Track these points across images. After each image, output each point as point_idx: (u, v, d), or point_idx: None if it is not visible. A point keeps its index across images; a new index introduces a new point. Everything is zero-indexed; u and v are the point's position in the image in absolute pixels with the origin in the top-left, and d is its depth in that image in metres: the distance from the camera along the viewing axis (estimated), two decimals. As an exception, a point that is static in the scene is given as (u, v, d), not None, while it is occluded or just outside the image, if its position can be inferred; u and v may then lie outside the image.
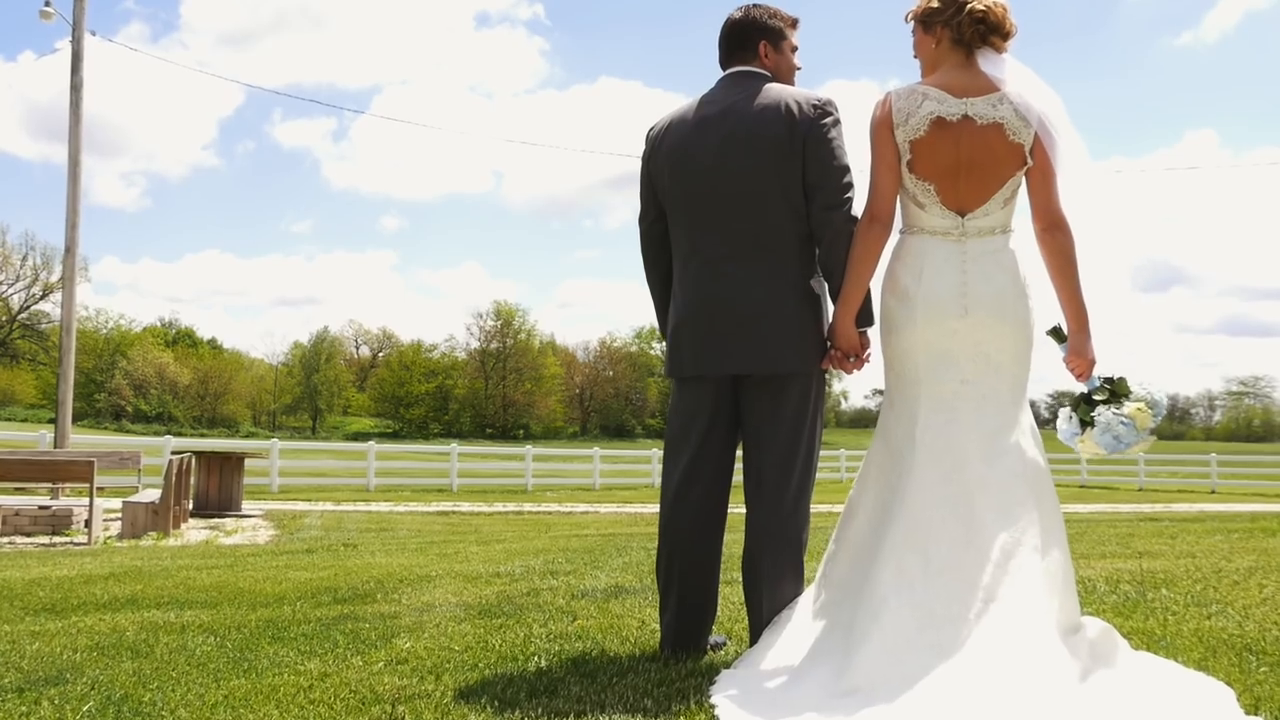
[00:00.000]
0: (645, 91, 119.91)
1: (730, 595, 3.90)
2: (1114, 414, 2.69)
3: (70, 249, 18.88)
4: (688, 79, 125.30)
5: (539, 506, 16.92)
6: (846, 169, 2.83)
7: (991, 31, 2.77)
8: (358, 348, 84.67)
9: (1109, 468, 28.58)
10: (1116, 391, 2.74)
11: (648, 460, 27.36)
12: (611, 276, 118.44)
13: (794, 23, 3.08)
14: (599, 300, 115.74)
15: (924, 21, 2.86)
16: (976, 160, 2.72)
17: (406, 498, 19.32)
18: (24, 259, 65.13)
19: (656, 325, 3.16)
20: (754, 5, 3.05)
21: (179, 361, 64.69)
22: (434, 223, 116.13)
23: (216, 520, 11.71)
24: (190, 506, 12.30)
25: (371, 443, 22.74)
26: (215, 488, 12.33)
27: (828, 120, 2.84)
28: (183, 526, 10.68)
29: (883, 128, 2.78)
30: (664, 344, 3.02)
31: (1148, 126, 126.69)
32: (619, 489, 24.71)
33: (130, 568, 6.11)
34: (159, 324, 76.91)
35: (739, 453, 2.98)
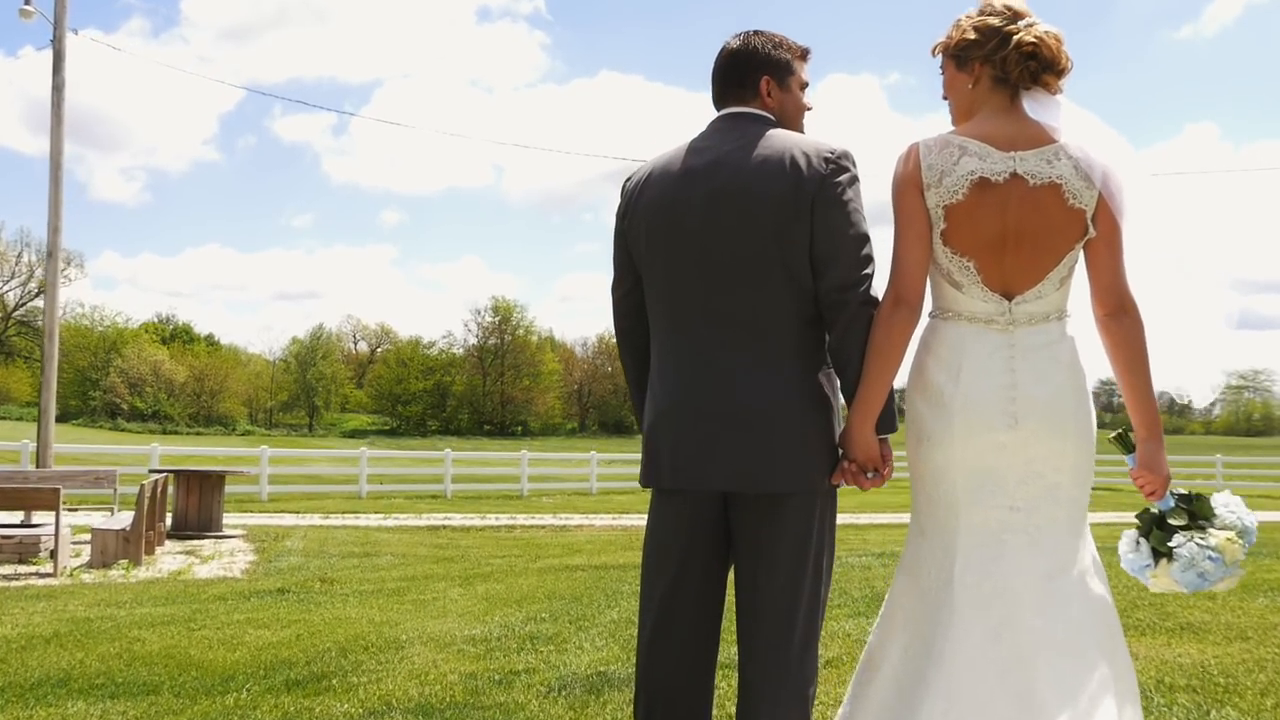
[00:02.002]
0: (646, 85, 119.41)
1: None
2: (1199, 545, 2.19)
3: (52, 253, 18.40)
4: (689, 73, 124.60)
5: (532, 519, 16.47)
6: (864, 238, 2.27)
7: (1044, 69, 2.26)
8: (355, 343, 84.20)
9: (1110, 469, 28.06)
10: (1196, 514, 2.26)
11: (646, 464, 26.98)
12: (612, 271, 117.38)
13: (803, 54, 2.53)
14: (599, 294, 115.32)
15: (957, 57, 2.34)
16: (1028, 230, 2.22)
17: (399, 507, 18.88)
18: (19, 255, 64.67)
19: (633, 409, 2.61)
20: (755, 33, 2.50)
21: (175, 359, 64.14)
22: (434, 217, 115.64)
23: (195, 542, 11.27)
24: (169, 526, 11.88)
25: (363, 449, 22.26)
26: (195, 507, 11.88)
27: (843, 177, 2.27)
28: (157, 551, 10.23)
29: (909, 188, 2.26)
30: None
31: (1148, 120, 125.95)
32: (616, 493, 24.27)
33: (80, 621, 5.67)
34: (156, 320, 76.43)
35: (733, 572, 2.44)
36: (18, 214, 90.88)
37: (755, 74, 2.44)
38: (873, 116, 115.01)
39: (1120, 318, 2.26)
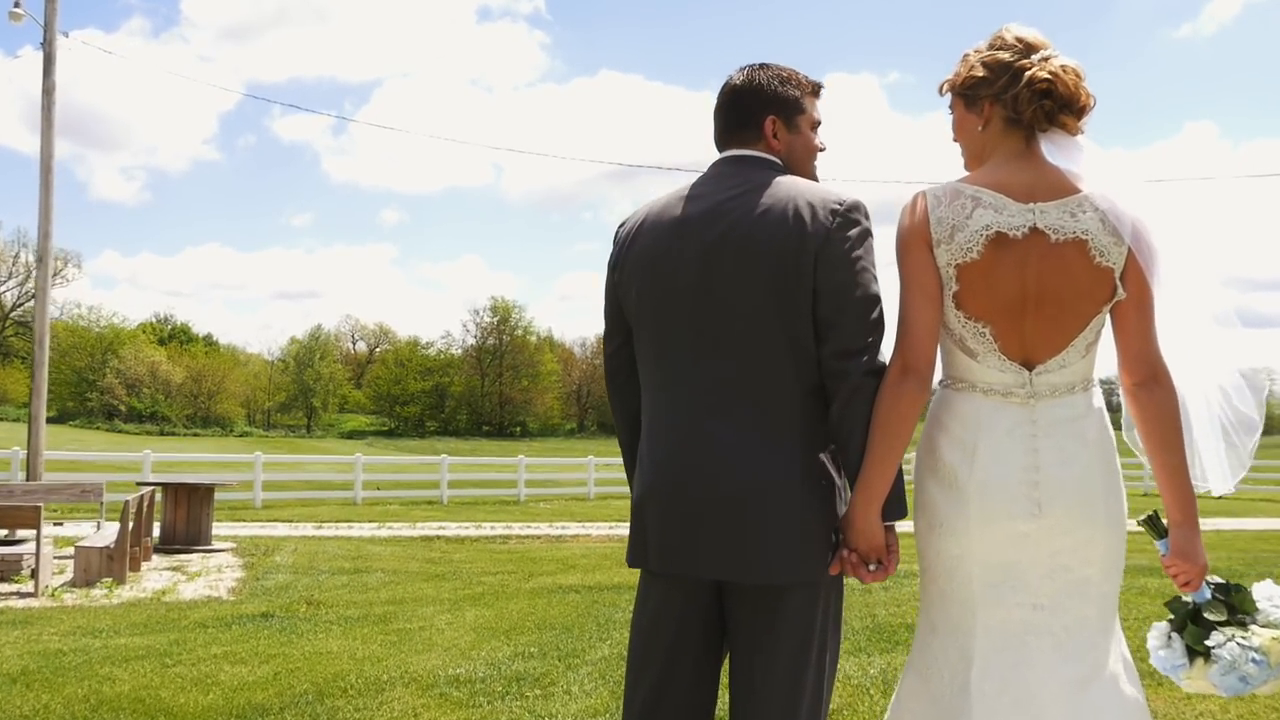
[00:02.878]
0: (646, 85, 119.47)
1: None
2: (1241, 646, 1.96)
3: (43, 258, 18.20)
4: (689, 72, 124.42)
5: (528, 527, 16.27)
6: (873, 300, 2.04)
7: (1061, 108, 2.02)
8: (354, 343, 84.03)
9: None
10: (1236, 607, 2.04)
11: (644, 468, 26.83)
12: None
13: (815, 90, 2.28)
14: (599, 293, 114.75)
15: (966, 96, 2.11)
16: (1050, 292, 1.98)
17: (394, 514, 18.67)
18: (16, 256, 64.49)
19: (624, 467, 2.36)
20: (761, 67, 2.26)
21: (172, 360, 63.93)
22: (434, 216, 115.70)
23: (183, 557, 11.05)
24: (158, 539, 11.67)
25: (358, 455, 22.04)
26: (183, 520, 11.67)
27: (851, 232, 2.03)
28: (143, 568, 10.02)
29: (916, 244, 2.02)
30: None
31: (1147, 118, 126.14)
32: (614, 498, 24.07)
33: (51, 655, 5.45)
34: (154, 319, 76.24)
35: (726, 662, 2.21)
36: (16, 214, 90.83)
37: (759, 113, 2.21)
38: (872, 116, 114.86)
39: (1152, 388, 2.03)
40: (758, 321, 2.04)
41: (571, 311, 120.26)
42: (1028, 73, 2.02)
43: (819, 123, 2.29)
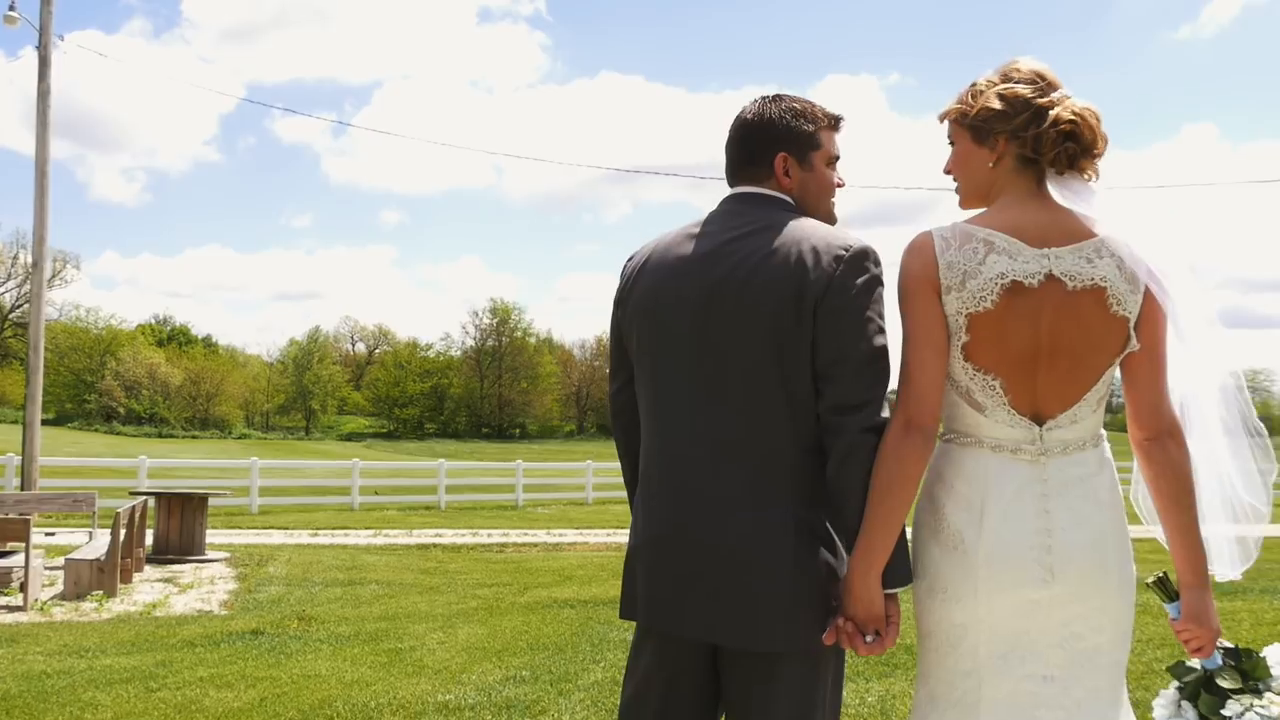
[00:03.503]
0: (646, 86, 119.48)
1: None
2: (1260, 715, 1.86)
3: (38, 263, 18.12)
4: (689, 74, 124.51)
5: (525, 535, 16.17)
6: (877, 353, 1.89)
7: (1082, 152, 1.91)
8: (353, 344, 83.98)
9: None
10: (1249, 673, 1.94)
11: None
12: (611, 270, 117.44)
13: (833, 123, 2.14)
14: (599, 294, 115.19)
15: (976, 128, 1.96)
16: (1064, 343, 1.87)
17: (391, 520, 18.58)
18: (15, 257, 64.38)
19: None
20: (773, 99, 2.13)
21: (170, 362, 63.84)
22: (434, 217, 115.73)
23: (176, 568, 10.95)
24: (151, 547, 11.58)
25: (355, 461, 21.95)
26: (176, 530, 11.57)
27: (857, 280, 1.89)
28: (135, 579, 9.93)
29: (924, 291, 1.89)
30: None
31: (1146, 120, 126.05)
32: (613, 503, 23.99)
33: (35, 678, 5.36)
34: (153, 321, 76.18)
35: None
36: (16, 215, 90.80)
37: (769, 150, 2.09)
38: (872, 117, 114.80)
39: (1166, 443, 1.93)
40: (756, 371, 1.92)
41: (571, 313, 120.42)
42: (1051, 112, 1.90)
43: (836, 158, 2.15)
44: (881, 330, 1.91)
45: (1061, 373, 1.88)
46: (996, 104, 1.93)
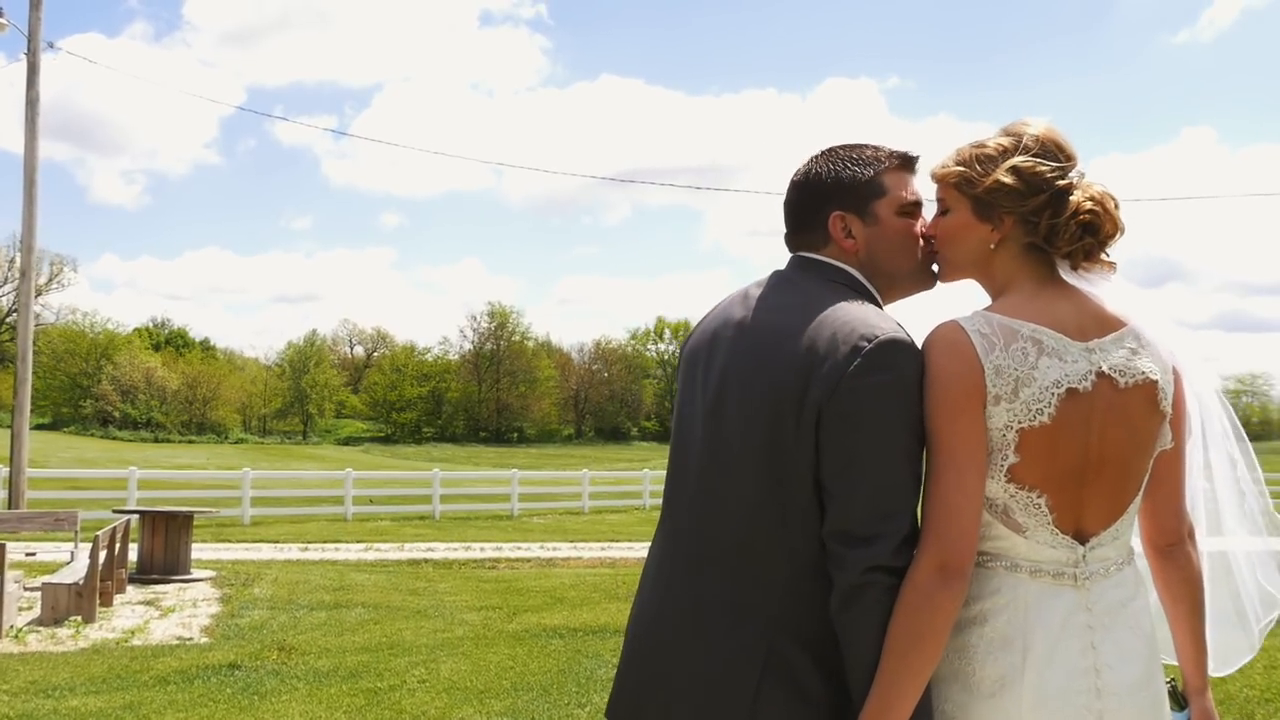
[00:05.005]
0: (647, 89, 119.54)
1: None
2: None
3: (25, 272, 17.93)
4: (689, 76, 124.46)
5: (519, 548, 15.94)
6: (892, 476, 1.56)
7: (1101, 245, 1.67)
8: (351, 348, 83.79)
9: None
10: None
11: (638, 482, 26.63)
12: (611, 273, 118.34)
13: (903, 162, 1.78)
14: (598, 296, 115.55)
15: (979, 201, 1.68)
16: (1113, 449, 1.61)
17: (384, 532, 18.36)
18: (13, 261, 64.14)
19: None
20: (826, 153, 1.81)
21: (167, 366, 63.61)
22: (434, 220, 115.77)
23: (159, 588, 10.71)
24: (135, 566, 11.34)
25: (348, 471, 21.69)
26: (161, 548, 11.33)
27: (875, 380, 1.56)
28: (116, 602, 9.69)
29: (967, 402, 1.57)
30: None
31: (1145, 123, 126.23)
32: (609, 511, 23.79)
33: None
34: (151, 324, 75.98)
35: None
36: (13, 217, 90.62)
37: (821, 210, 1.76)
38: (871, 120, 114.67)
39: (1189, 549, 1.73)
40: (756, 477, 1.63)
41: (571, 315, 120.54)
42: (1071, 199, 1.63)
43: (914, 203, 1.78)
44: (907, 449, 1.57)
45: (1109, 483, 1.63)
46: (1010, 180, 1.64)
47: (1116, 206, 1.67)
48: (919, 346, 1.62)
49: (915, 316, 1.73)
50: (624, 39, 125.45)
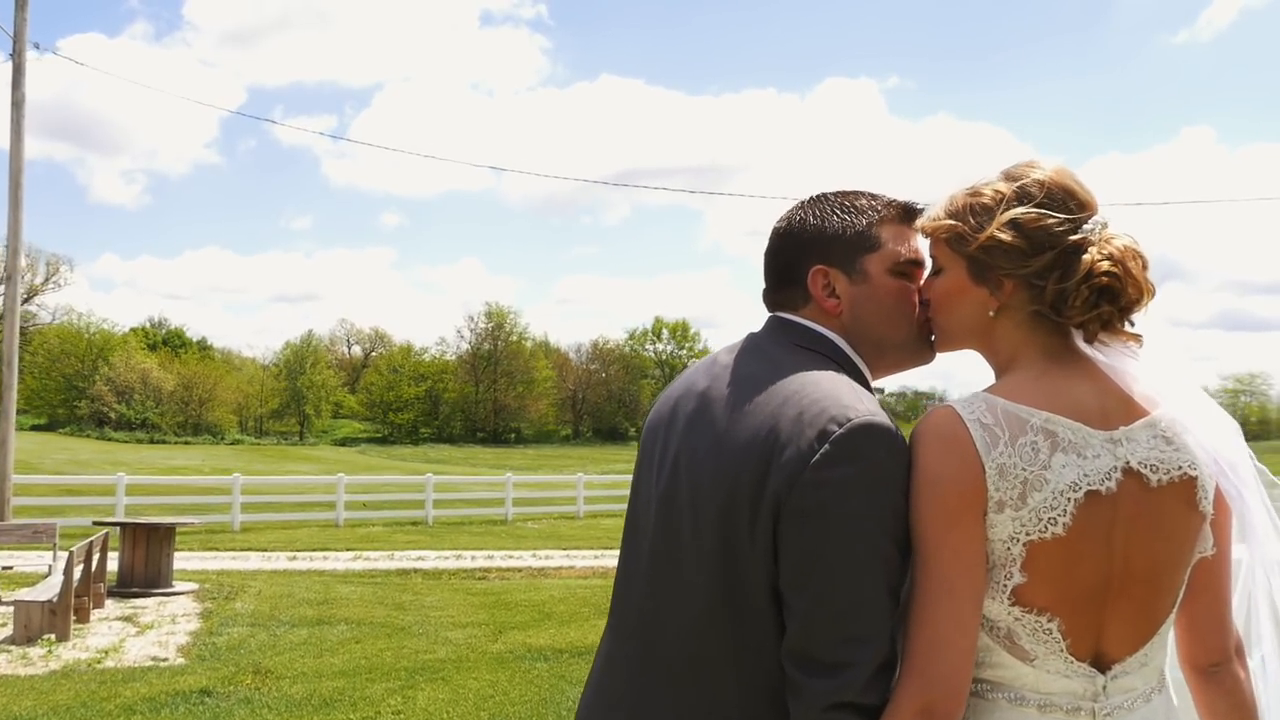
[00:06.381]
0: (646, 89, 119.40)
1: None
2: None
3: (11, 276, 17.71)
4: (689, 77, 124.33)
5: (510, 557, 15.72)
6: (857, 590, 1.28)
7: (1123, 313, 1.37)
8: (349, 347, 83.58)
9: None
10: None
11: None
12: (610, 273, 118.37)
13: (901, 213, 1.53)
14: (597, 296, 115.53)
15: (976, 261, 1.41)
16: (1141, 564, 1.34)
17: (375, 539, 18.12)
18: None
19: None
20: (814, 200, 1.56)
21: (163, 367, 63.34)
22: (433, 219, 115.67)
23: (139, 602, 10.47)
24: (115, 574, 11.10)
25: (340, 476, 21.48)
26: (142, 561, 11.10)
27: (840, 474, 1.30)
28: (93, 617, 9.46)
29: (964, 510, 1.30)
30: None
31: (1145, 123, 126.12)
32: (604, 516, 23.55)
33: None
34: (149, 324, 75.76)
35: None
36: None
37: (802, 263, 1.51)
38: (871, 121, 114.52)
39: (1235, 668, 1.46)
40: (706, 577, 1.38)
41: (570, 314, 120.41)
42: (1085, 258, 1.34)
43: (913, 261, 1.51)
44: (883, 558, 1.29)
45: (1137, 601, 1.35)
46: (1009, 236, 1.36)
47: (1144, 267, 1.37)
48: (903, 436, 1.35)
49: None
50: (624, 39, 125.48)
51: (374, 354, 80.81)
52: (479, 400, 72.75)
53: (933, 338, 1.54)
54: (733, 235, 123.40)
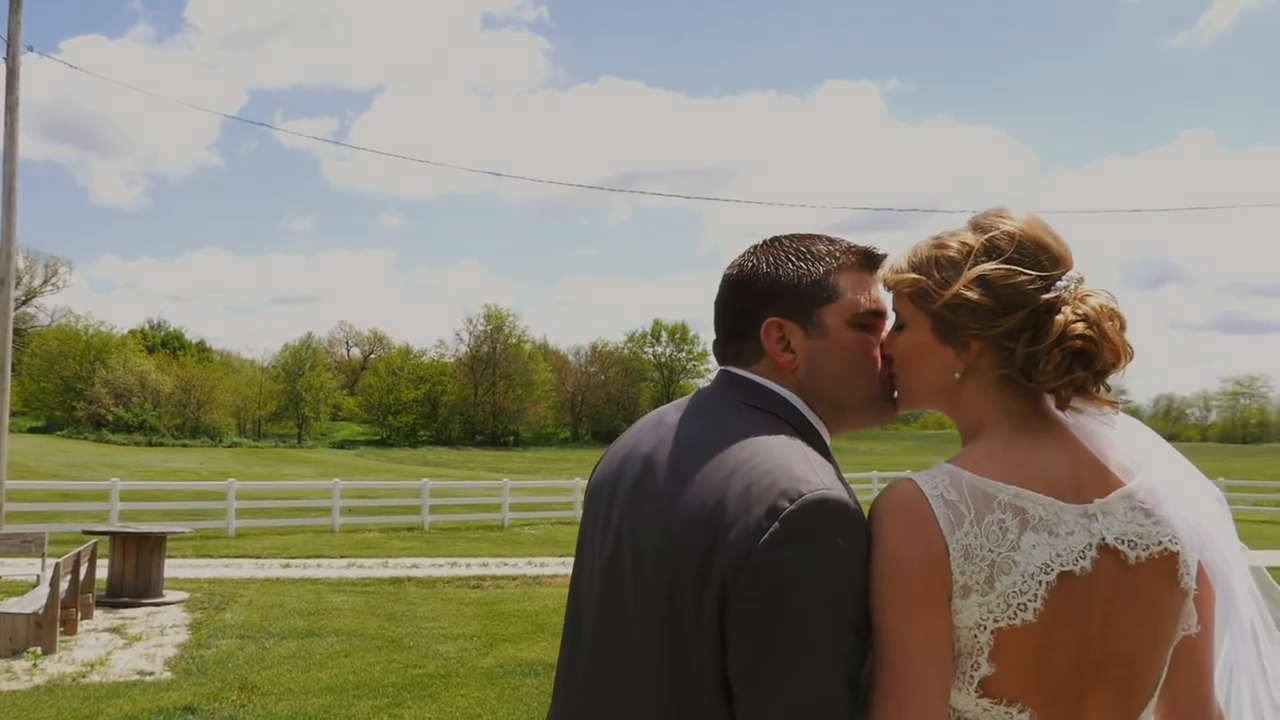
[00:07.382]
0: (647, 91, 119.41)
1: None
2: None
3: (4, 279, 17.59)
4: (689, 78, 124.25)
5: (506, 564, 15.62)
6: (824, 679, 1.17)
7: (1098, 378, 1.26)
8: (348, 349, 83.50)
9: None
10: None
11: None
12: (609, 274, 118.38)
13: (862, 260, 1.42)
14: (597, 298, 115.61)
15: (941, 319, 1.31)
16: (1118, 648, 1.24)
17: (370, 545, 18.01)
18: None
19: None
20: (771, 243, 1.44)
21: (161, 369, 63.25)
22: (433, 221, 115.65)
23: (128, 613, 10.37)
24: (105, 583, 10.99)
25: (336, 481, 21.37)
26: (131, 570, 10.99)
27: (793, 554, 1.18)
28: (80, 629, 9.36)
29: (928, 594, 1.20)
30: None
31: (1145, 125, 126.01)
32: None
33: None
34: (148, 326, 75.70)
35: None
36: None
37: (754, 315, 1.40)
38: (871, 124, 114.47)
39: None
40: (651, 661, 1.27)
41: (570, 315, 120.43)
42: (1058, 318, 1.24)
43: (874, 313, 1.41)
44: (840, 648, 1.18)
45: (1116, 687, 1.25)
46: (975, 295, 1.26)
47: (1122, 328, 1.26)
48: (861, 511, 1.24)
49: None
50: (625, 42, 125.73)
51: (373, 356, 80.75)
52: (478, 403, 72.68)
53: (895, 394, 1.43)
54: (733, 237, 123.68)
